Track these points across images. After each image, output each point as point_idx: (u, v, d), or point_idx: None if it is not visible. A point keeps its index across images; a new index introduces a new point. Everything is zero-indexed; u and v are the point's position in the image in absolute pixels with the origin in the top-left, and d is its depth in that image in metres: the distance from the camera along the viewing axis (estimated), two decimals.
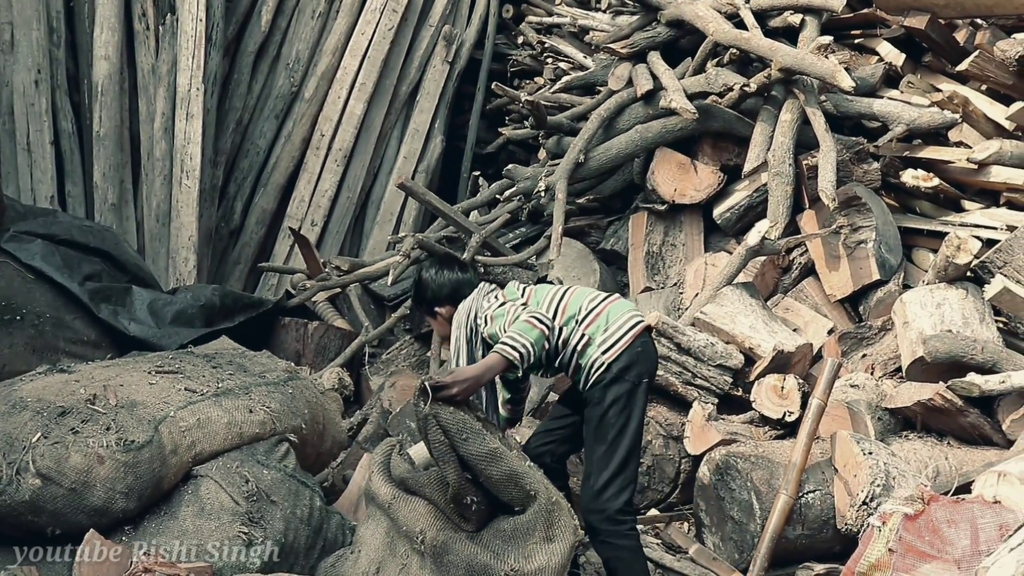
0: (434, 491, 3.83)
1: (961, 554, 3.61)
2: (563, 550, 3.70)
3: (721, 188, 6.59)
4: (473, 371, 3.89)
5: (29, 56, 7.79)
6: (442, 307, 4.31)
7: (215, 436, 4.27)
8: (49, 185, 7.82)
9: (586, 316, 4.19)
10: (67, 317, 5.64)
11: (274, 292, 8.24)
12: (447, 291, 4.32)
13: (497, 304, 4.18)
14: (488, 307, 4.19)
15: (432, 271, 4.35)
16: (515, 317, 4.04)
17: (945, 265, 5.49)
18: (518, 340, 3.93)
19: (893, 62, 6.70)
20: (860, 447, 4.62)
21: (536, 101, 7.18)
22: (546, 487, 3.79)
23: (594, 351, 4.13)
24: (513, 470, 3.72)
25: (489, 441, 3.73)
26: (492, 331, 4.09)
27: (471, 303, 4.24)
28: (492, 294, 4.28)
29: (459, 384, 3.80)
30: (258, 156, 8.75)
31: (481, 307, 4.21)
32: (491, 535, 3.76)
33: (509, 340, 3.93)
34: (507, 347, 3.92)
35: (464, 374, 3.85)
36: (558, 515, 3.74)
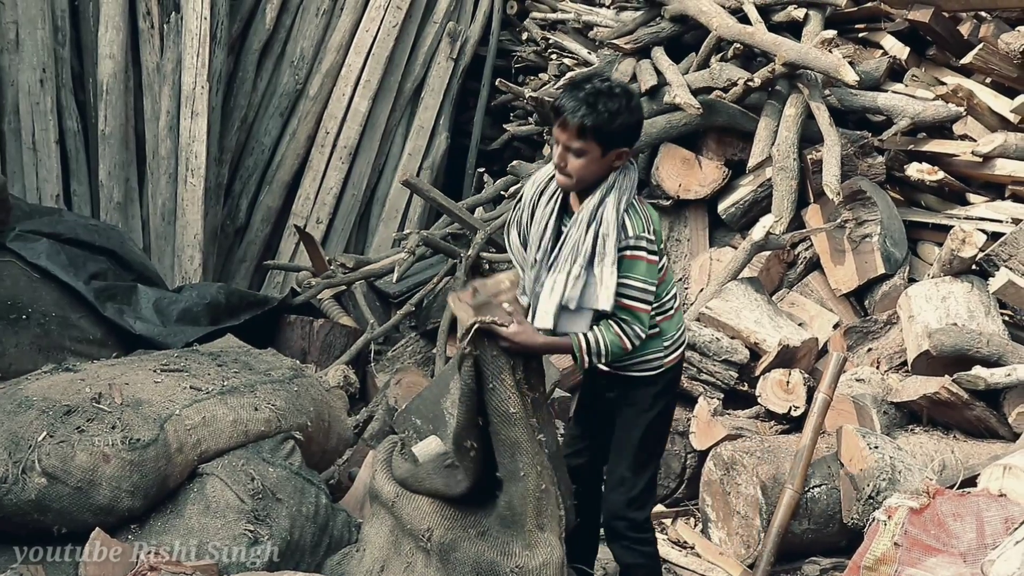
0: (436, 480, 3.79)
1: (967, 547, 3.61)
2: (555, 542, 3.66)
3: (726, 183, 6.58)
4: (537, 342, 3.52)
5: (34, 55, 7.81)
6: (627, 147, 3.58)
7: (220, 434, 4.28)
8: (54, 184, 7.83)
9: (667, 308, 3.76)
10: (73, 316, 5.64)
11: (279, 290, 8.25)
12: (639, 132, 3.64)
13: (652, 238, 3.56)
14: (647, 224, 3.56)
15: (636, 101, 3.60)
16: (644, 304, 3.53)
17: (950, 258, 5.48)
18: (601, 357, 3.57)
19: (897, 56, 6.69)
20: (866, 441, 4.62)
21: (540, 97, 7.18)
22: (538, 473, 3.59)
23: (658, 346, 3.76)
24: (516, 440, 3.56)
25: (511, 403, 3.53)
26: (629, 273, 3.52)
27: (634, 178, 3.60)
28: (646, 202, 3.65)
29: (514, 344, 3.47)
30: (263, 154, 8.76)
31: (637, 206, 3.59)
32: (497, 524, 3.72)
33: (597, 349, 3.54)
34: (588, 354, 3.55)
35: (525, 338, 3.48)
36: (546, 503, 3.63)
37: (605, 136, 3.50)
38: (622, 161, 3.57)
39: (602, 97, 3.50)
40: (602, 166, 3.55)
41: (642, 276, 3.55)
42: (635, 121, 3.59)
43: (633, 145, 3.61)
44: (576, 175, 3.56)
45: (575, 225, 3.57)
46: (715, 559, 4.81)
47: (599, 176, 3.56)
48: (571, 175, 3.56)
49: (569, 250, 3.56)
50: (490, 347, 3.52)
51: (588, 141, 3.50)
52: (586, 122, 3.48)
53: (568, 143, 3.52)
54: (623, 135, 3.54)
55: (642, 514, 3.90)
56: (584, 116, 3.48)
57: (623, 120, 3.52)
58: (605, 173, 3.56)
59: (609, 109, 3.49)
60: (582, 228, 3.55)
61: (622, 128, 3.53)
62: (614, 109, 3.50)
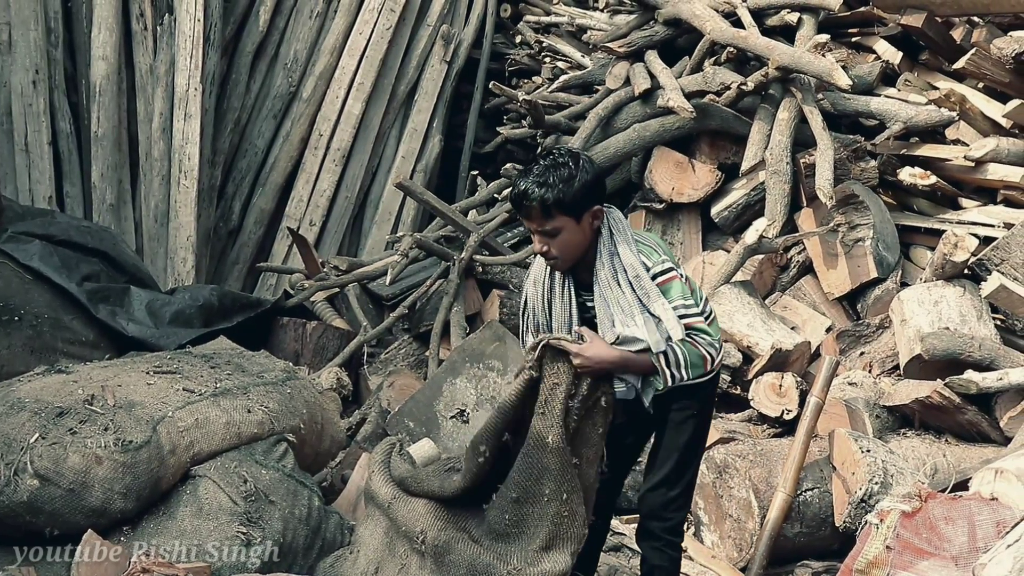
0: (433, 483, 3.78)
1: (959, 551, 3.61)
2: (566, 560, 3.66)
3: (719, 187, 6.60)
4: (614, 358, 3.50)
5: (27, 56, 7.79)
6: (600, 205, 3.55)
7: (213, 436, 4.27)
8: (47, 185, 7.82)
9: (710, 314, 3.71)
10: (65, 318, 5.63)
11: (272, 292, 8.24)
12: (603, 184, 3.63)
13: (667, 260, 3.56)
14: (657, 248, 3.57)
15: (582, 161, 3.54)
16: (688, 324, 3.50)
17: (943, 263, 5.49)
18: (684, 371, 3.52)
19: (890, 60, 6.71)
20: (858, 445, 4.63)
21: (534, 100, 7.18)
22: (563, 501, 3.57)
23: None
24: (546, 467, 3.53)
25: (553, 432, 3.49)
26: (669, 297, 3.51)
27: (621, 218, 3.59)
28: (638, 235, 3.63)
29: (585, 359, 3.46)
30: (256, 156, 8.75)
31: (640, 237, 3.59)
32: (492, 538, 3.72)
33: (676, 363, 3.50)
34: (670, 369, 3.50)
35: (603, 357, 3.47)
36: (567, 527, 3.62)
37: (570, 206, 3.50)
38: (600, 219, 3.57)
39: (550, 171, 3.50)
40: (584, 232, 3.55)
41: (679, 294, 3.54)
42: (592, 178, 3.55)
43: (603, 200, 3.59)
44: (563, 253, 3.57)
45: (604, 290, 3.55)
46: (708, 562, 4.81)
47: (586, 242, 3.56)
48: (559, 255, 3.58)
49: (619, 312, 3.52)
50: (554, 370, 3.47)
51: (557, 218, 3.50)
52: (547, 200, 3.48)
53: (541, 228, 3.54)
54: (587, 196, 3.52)
55: (679, 516, 3.86)
56: (543, 196, 3.48)
57: (580, 181, 3.50)
58: (591, 236, 3.56)
59: (562, 179, 3.49)
60: (614, 289, 3.54)
61: (583, 190, 3.51)
62: (567, 176, 3.49)
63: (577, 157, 3.57)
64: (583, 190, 3.50)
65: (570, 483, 3.59)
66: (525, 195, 3.50)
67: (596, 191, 3.57)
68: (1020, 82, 6.20)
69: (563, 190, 3.48)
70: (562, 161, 3.53)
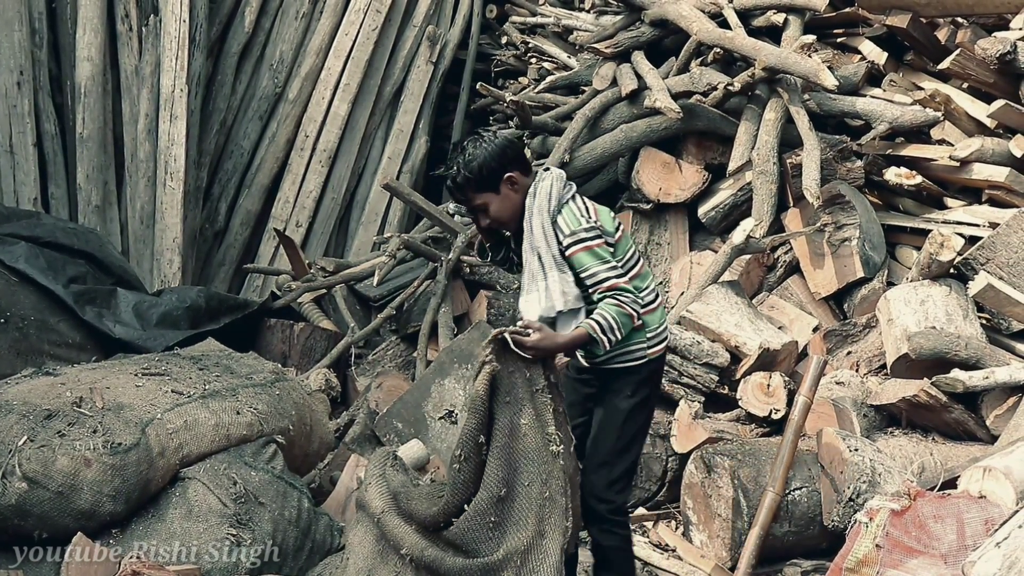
0: (422, 505, 3.79)
1: (948, 549, 3.63)
2: (555, 549, 3.67)
3: (706, 187, 6.61)
4: (558, 342, 3.71)
5: (11, 58, 7.75)
6: (513, 172, 3.83)
7: (202, 438, 4.26)
8: (32, 187, 7.78)
9: (651, 302, 3.92)
10: (52, 320, 5.61)
11: (259, 293, 8.22)
12: (513, 152, 3.85)
13: (590, 225, 3.77)
14: (576, 220, 3.77)
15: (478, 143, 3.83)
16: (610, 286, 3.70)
17: (929, 262, 5.51)
18: (615, 331, 3.70)
19: (876, 61, 6.73)
20: (846, 444, 4.64)
21: (521, 101, 7.18)
22: (543, 482, 3.66)
23: (641, 337, 3.88)
24: (525, 450, 3.64)
25: (525, 415, 3.64)
26: (583, 264, 3.73)
27: (552, 192, 3.81)
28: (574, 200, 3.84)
29: (538, 349, 3.65)
30: (242, 157, 8.73)
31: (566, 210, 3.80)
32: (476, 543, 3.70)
33: (608, 327, 3.68)
34: (604, 335, 3.68)
35: (548, 342, 3.67)
36: (550, 511, 3.67)
37: (480, 182, 3.82)
38: (518, 184, 3.84)
39: (456, 158, 3.84)
40: (507, 199, 3.85)
41: (594, 260, 3.75)
42: (495, 148, 3.83)
43: (515, 167, 3.84)
44: (496, 222, 3.90)
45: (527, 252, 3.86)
46: (696, 562, 4.82)
47: (515, 207, 3.86)
48: (493, 224, 3.92)
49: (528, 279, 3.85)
50: (509, 359, 3.64)
51: (475, 194, 3.84)
52: (460, 183, 3.83)
53: (469, 208, 3.91)
54: (494, 169, 3.81)
55: (621, 497, 4.00)
56: (458, 181, 3.84)
57: (483, 155, 3.81)
58: (517, 202, 3.86)
59: (464, 162, 3.81)
60: (527, 255, 3.85)
61: (488, 162, 3.81)
62: (468, 158, 3.81)
63: (477, 137, 3.90)
64: (486, 165, 3.80)
65: (548, 466, 3.67)
66: (450, 188, 3.89)
67: (502, 161, 3.82)
68: (1004, 82, 6.23)
69: (468, 171, 3.81)
70: (463, 145, 3.87)
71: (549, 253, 3.78)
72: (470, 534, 3.67)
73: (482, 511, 3.66)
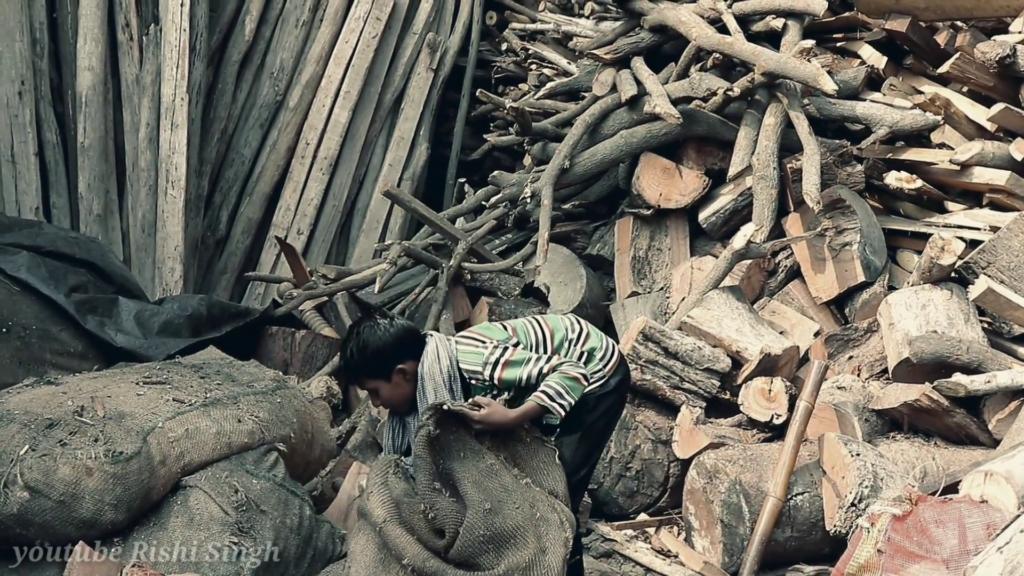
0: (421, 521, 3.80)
1: (949, 554, 3.63)
2: (557, 563, 3.69)
3: (706, 192, 6.62)
4: (508, 416, 3.78)
5: (12, 68, 7.77)
6: (405, 362, 3.89)
7: (204, 446, 4.26)
8: (34, 197, 7.79)
9: (580, 334, 4.05)
10: (53, 329, 5.61)
11: (261, 301, 8.22)
12: (407, 342, 3.91)
13: (491, 347, 3.86)
14: (477, 352, 3.87)
15: (373, 330, 3.89)
16: (550, 366, 3.80)
17: (929, 266, 5.52)
18: (566, 397, 3.78)
19: (875, 65, 6.74)
20: (848, 449, 4.64)
21: (521, 107, 7.20)
22: (531, 506, 3.74)
23: (596, 365, 4.02)
24: (504, 485, 3.73)
25: (487, 456, 3.75)
26: (513, 376, 3.82)
27: (439, 350, 3.90)
28: (462, 340, 3.95)
29: (487, 425, 3.76)
30: (243, 165, 8.73)
31: (462, 353, 3.88)
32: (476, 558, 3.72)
33: (557, 394, 3.77)
34: (555, 402, 3.76)
35: (497, 416, 3.75)
36: (546, 529, 3.72)
37: (371, 372, 3.90)
38: (409, 374, 3.88)
39: (347, 346, 3.91)
40: (398, 388, 3.90)
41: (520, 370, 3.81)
42: (389, 338, 3.87)
43: (409, 358, 3.87)
44: (390, 405, 3.97)
45: None
46: (699, 567, 4.82)
47: (406, 392, 3.90)
48: (389, 408, 3.99)
49: None
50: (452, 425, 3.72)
51: (368, 382, 3.93)
52: (351, 366, 3.93)
53: (364, 390, 4.03)
54: (387, 356, 3.87)
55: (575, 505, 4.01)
56: (350, 371, 3.97)
57: (373, 347, 3.86)
58: (408, 391, 3.90)
59: (356, 350, 3.88)
60: None
61: (377, 354, 3.86)
62: (359, 348, 3.88)
63: (373, 327, 3.90)
64: (378, 353, 3.86)
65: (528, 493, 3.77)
66: (344, 373, 4.07)
67: (394, 351, 3.87)
68: (1004, 86, 6.23)
69: (359, 362, 3.88)
70: (356, 333, 3.92)
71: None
72: (467, 549, 3.71)
73: (472, 527, 3.70)
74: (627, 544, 5.03)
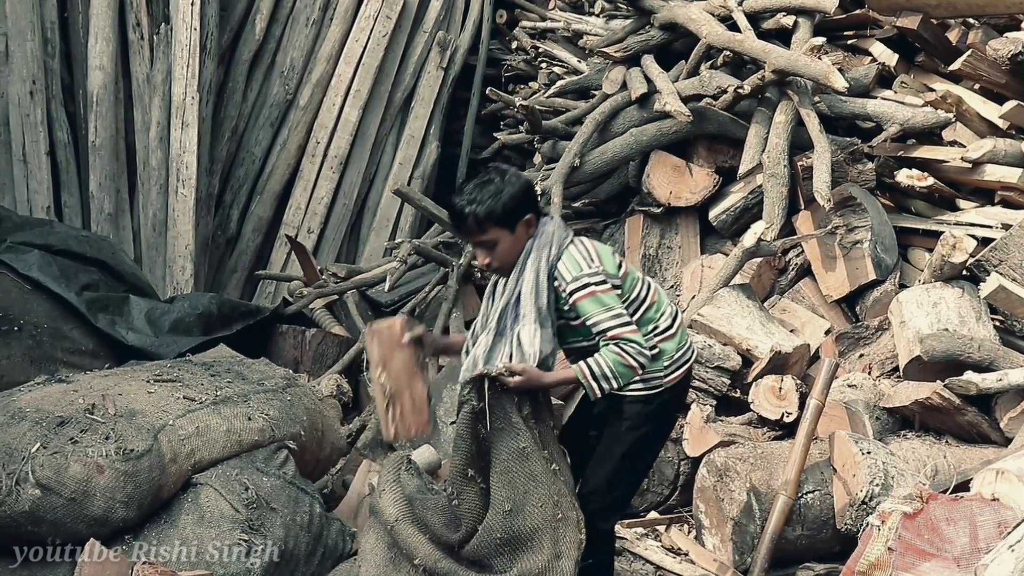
0: (435, 516, 3.78)
1: (960, 552, 3.62)
2: (571, 567, 3.67)
3: (716, 190, 6.60)
4: (544, 381, 3.66)
5: (24, 67, 7.80)
6: (532, 212, 3.72)
7: (214, 444, 4.27)
8: (45, 196, 7.82)
9: (668, 328, 3.86)
10: (65, 327, 5.64)
11: (271, 300, 8.24)
12: (533, 196, 3.76)
13: (595, 269, 3.68)
14: (580, 264, 3.68)
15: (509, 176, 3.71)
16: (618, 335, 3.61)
17: (941, 264, 5.50)
18: (610, 381, 3.64)
19: (886, 62, 6.72)
20: (858, 447, 4.63)
21: (531, 106, 7.19)
22: (555, 503, 3.66)
23: (657, 366, 3.82)
24: (532, 473, 3.65)
25: (523, 439, 3.64)
26: (586, 310, 3.64)
27: (553, 238, 3.71)
28: (577, 244, 3.75)
29: (523, 384, 3.60)
30: (254, 164, 8.75)
31: (567, 254, 3.70)
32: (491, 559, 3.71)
33: (602, 375, 3.63)
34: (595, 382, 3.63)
35: (533, 379, 3.62)
36: (564, 530, 3.68)
37: (501, 218, 3.68)
38: (532, 227, 3.73)
39: (479, 188, 3.70)
40: (519, 241, 3.72)
41: (600, 307, 3.65)
42: (520, 189, 3.72)
43: (534, 209, 3.75)
44: (502, 263, 3.74)
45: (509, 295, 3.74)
46: (709, 565, 4.82)
47: (519, 252, 3.72)
48: (499, 266, 3.76)
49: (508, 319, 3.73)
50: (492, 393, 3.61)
51: (491, 230, 3.69)
52: (479, 215, 3.67)
53: (478, 241, 3.73)
54: (517, 207, 3.70)
55: (606, 524, 3.98)
56: (475, 211, 3.67)
57: (508, 193, 3.68)
58: (522, 247, 3.72)
59: (491, 193, 3.67)
60: (512, 299, 3.73)
61: (512, 202, 3.68)
62: (495, 191, 3.68)
63: (504, 171, 3.76)
64: (512, 201, 3.68)
65: (555, 485, 3.68)
66: (460, 213, 3.70)
67: (525, 201, 3.73)
68: (1016, 83, 6.21)
69: (492, 204, 3.66)
70: (489, 177, 3.72)
71: (534, 304, 3.68)
72: (482, 550, 3.69)
73: (489, 528, 3.68)
74: (637, 542, 5.03)
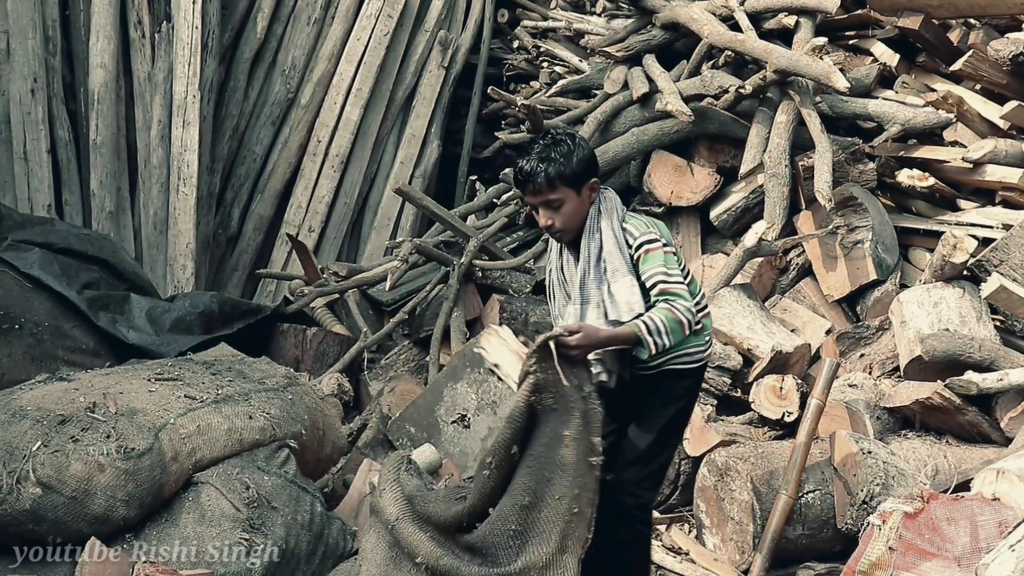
0: (439, 507, 3.77)
1: (961, 551, 3.62)
2: (574, 564, 3.66)
3: (718, 190, 6.61)
4: (601, 336, 3.64)
5: (25, 65, 7.80)
6: (593, 178, 3.80)
7: (215, 443, 4.27)
8: (46, 194, 7.82)
9: (704, 307, 3.93)
10: (66, 325, 5.63)
11: (272, 298, 8.24)
12: (596, 161, 3.87)
13: (656, 233, 3.77)
14: (644, 224, 3.78)
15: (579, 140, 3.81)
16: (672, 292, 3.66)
17: (942, 264, 5.50)
18: (664, 337, 3.65)
19: (887, 63, 6.72)
20: (859, 446, 4.64)
21: (532, 105, 7.18)
22: (574, 496, 3.62)
23: (700, 341, 3.88)
24: (562, 462, 3.61)
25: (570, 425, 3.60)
26: (648, 264, 3.71)
27: (615, 202, 3.84)
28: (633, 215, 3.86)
29: (582, 348, 3.60)
30: (255, 163, 8.75)
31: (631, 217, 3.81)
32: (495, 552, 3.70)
33: (656, 330, 3.64)
34: (651, 336, 3.63)
35: (592, 337, 3.61)
36: (575, 526, 3.63)
37: (571, 178, 3.75)
38: (595, 192, 3.82)
39: (550, 148, 3.76)
40: (583, 204, 3.79)
41: (661, 263, 3.73)
42: (589, 154, 3.82)
43: (598, 173, 3.86)
44: (565, 224, 3.80)
45: (585, 261, 3.79)
46: (710, 565, 4.82)
47: (584, 214, 3.80)
48: (561, 227, 3.81)
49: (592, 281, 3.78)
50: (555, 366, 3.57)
51: (560, 189, 3.75)
52: (551, 173, 3.73)
53: (544, 201, 3.78)
54: (585, 170, 3.78)
55: (649, 495, 4.00)
56: (547, 170, 3.74)
57: (579, 156, 3.76)
58: (585, 212, 3.80)
59: (563, 153, 3.75)
60: (592, 261, 3.78)
61: (581, 164, 3.76)
62: (567, 152, 3.75)
63: (573, 135, 3.86)
64: (581, 163, 3.76)
65: (583, 478, 3.63)
66: (531, 171, 3.75)
67: (592, 165, 3.83)
68: (1017, 84, 6.21)
69: (564, 163, 3.74)
70: (560, 138, 3.80)
71: (620, 258, 3.74)
72: (491, 539, 3.65)
73: (504, 517, 3.64)
74: None
